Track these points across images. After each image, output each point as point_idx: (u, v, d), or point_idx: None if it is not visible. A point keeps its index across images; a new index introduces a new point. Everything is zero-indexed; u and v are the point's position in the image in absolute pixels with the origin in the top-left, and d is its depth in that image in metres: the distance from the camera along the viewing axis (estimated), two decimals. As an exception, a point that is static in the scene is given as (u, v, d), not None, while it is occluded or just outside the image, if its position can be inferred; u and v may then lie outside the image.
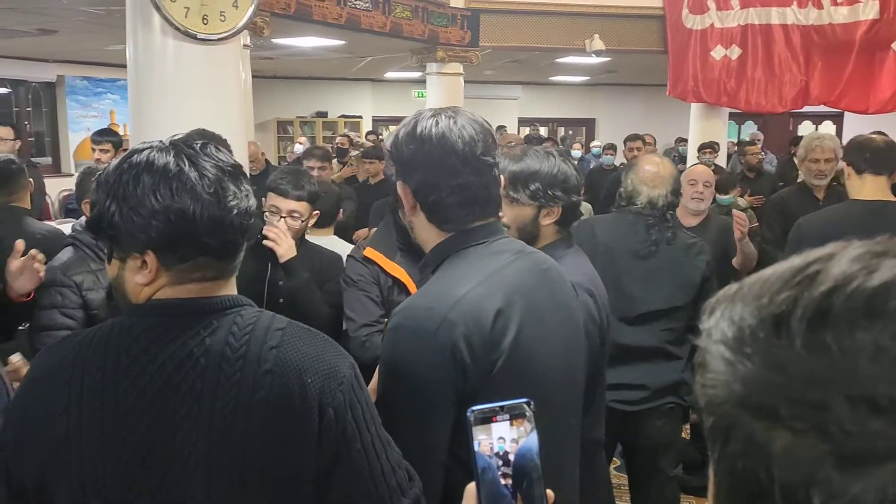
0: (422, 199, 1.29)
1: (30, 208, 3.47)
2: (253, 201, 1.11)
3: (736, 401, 0.42)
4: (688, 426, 3.94)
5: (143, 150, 1.06)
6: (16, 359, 1.50)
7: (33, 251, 2.09)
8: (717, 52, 7.67)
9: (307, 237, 2.72)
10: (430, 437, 1.19)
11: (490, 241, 1.31)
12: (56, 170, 9.61)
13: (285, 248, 2.44)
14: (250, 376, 1.02)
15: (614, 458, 3.46)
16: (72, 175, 6.79)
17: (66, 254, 2.30)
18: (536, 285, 1.31)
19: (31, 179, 3.51)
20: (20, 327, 2.33)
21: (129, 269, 1.06)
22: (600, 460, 2.04)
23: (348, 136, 9.60)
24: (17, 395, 1.14)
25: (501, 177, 1.37)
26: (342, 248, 2.94)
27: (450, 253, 1.30)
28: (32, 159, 8.37)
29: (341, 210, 3.35)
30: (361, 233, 4.57)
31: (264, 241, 2.45)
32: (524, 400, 0.79)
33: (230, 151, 3.19)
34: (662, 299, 2.58)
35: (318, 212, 2.63)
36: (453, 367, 1.17)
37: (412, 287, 2.45)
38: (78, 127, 9.95)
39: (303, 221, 2.52)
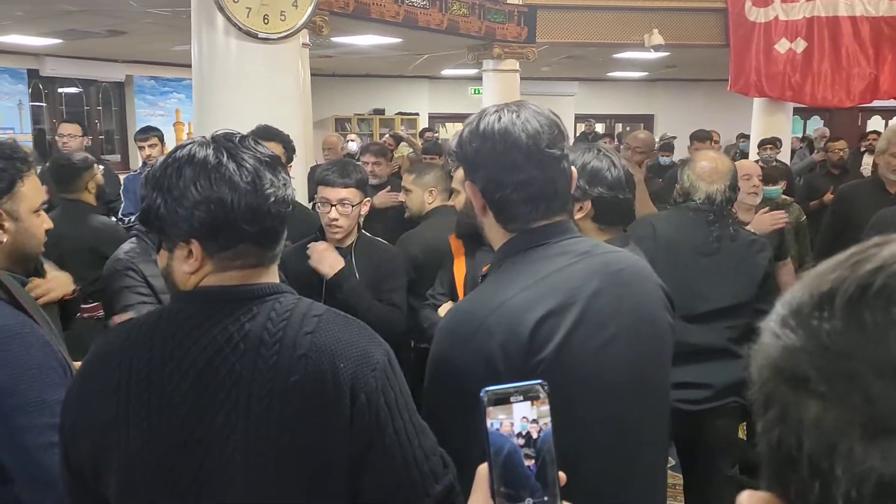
0: (489, 198, 1.27)
1: (94, 204, 3.61)
2: (291, 190, 1.15)
3: (774, 370, 0.44)
4: (744, 426, 3.86)
5: (186, 145, 1.12)
6: None
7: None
8: (782, 46, 7.46)
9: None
10: (468, 433, 1.19)
11: (553, 241, 1.27)
12: (125, 167, 9.95)
13: (327, 268, 2.49)
14: (286, 360, 1.05)
15: (668, 458, 3.43)
16: (135, 172, 7.09)
17: (129, 244, 2.43)
18: (600, 289, 1.24)
19: (98, 175, 3.65)
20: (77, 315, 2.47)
21: (176, 258, 1.12)
22: None
23: (397, 134, 9.67)
24: (74, 378, 1.22)
25: (573, 169, 1.33)
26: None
27: (510, 255, 1.28)
28: (103, 156, 8.71)
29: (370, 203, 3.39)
30: None
31: (310, 262, 2.52)
32: (538, 382, 0.79)
33: (293, 147, 3.24)
34: (727, 297, 2.54)
35: (369, 199, 2.67)
36: (485, 373, 1.14)
37: (458, 277, 2.61)
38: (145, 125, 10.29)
39: (353, 207, 2.54)
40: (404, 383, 1.12)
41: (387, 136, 9.70)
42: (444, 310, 2.66)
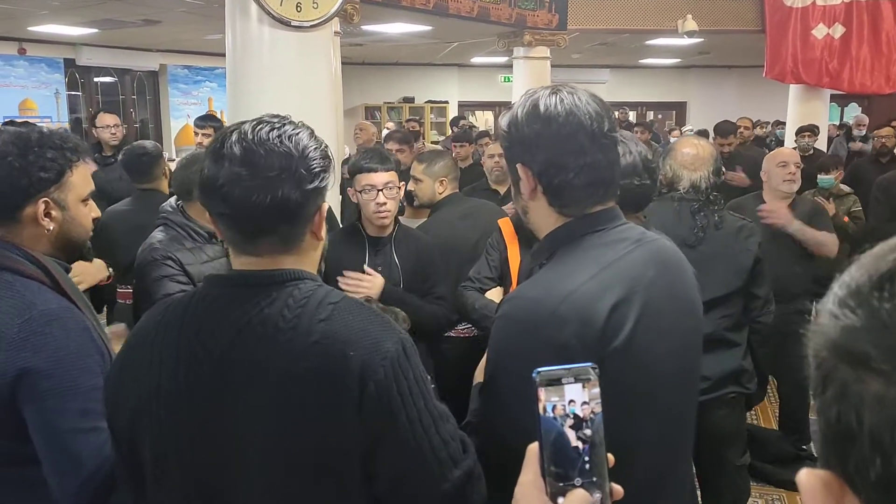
0: (546, 182, 1.22)
1: (167, 192, 3.66)
2: (307, 186, 1.12)
3: (833, 349, 0.44)
4: (776, 416, 3.83)
5: (239, 125, 1.15)
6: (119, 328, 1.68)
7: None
8: (819, 31, 7.31)
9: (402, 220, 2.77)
10: (531, 426, 1.15)
11: (609, 227, 1.24)
12: (158, 155, 10.08)
13: (377, 290, 2.47)
14: (299, 346, 1.07)
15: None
16: (173, 160, 7.26)
17: (159, 233, 2.43)
18: (655, 278, 1.23)
19: (167, 161, 3.69)
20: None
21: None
22: None
23: (416, 121, 9.73)
24: (116, 356, 1.27)
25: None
26: None
27: (566, 240, 1.24)
28: (137, 145, 8.79)
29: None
30: None
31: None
32: (589, 364, 0.79)
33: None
34: (717, 287, 2.49)
35: (403, 182, 2.67)
36: (557, 363, 1.09)
37: (513, 264, 2.58)
38: (179, 114, 10.44)
39: (398, 190, 2.54)
40: (419, 371, 1.11)
41: (407, 122, 9.71)
42: (493, 294, 2.62)
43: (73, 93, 9.51)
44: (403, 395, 1.07)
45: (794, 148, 6.54)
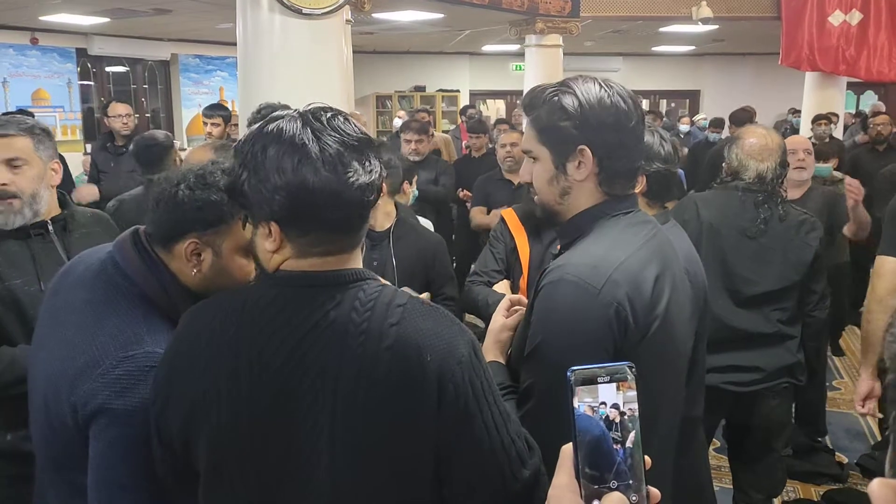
0: (605, 164, 1.28)
1: None
2: (376, 175, 1.09)
3: None
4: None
5: (277, 119, 1.08)
6: None
7: None
8: (836, 18, 7.22)
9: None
10: None
11: (634, 210, 1.34)
12: (170, 144, 10.09)
13: None
14: (372, 351, 1.04)
15: (714, 440, 3.38)
16: (184, 150, 7.26)
17: None
18: (674, 258, 1.35)
19: (179, 154, 3.67)
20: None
21: (259, 235, 1.11)
22: (699, 438, 2.00)
23: (426, 111, 9.66)
24: (163, 356, 1.19)
25: None
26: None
27: (600, 218, 1.31)
28: (149, 134, 8.79)
29: (408, 183, 3.31)
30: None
31: None
32: (626, 363, 0.77)
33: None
34: (774, 280, 2.47)
35: (416, 175, 2.62)
36: (616, 324, 1.20)
37: (523, 254, 2.52)
38: (190, 103, 10.43)
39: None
40: (489, 371, 1.11)
41: (419, 113, 9.64)
42: (501, 287, 2.56)
43: (84, 82, 9.53)
44: (479, 396, 1.06)
45: (810, 136, 6.48)
